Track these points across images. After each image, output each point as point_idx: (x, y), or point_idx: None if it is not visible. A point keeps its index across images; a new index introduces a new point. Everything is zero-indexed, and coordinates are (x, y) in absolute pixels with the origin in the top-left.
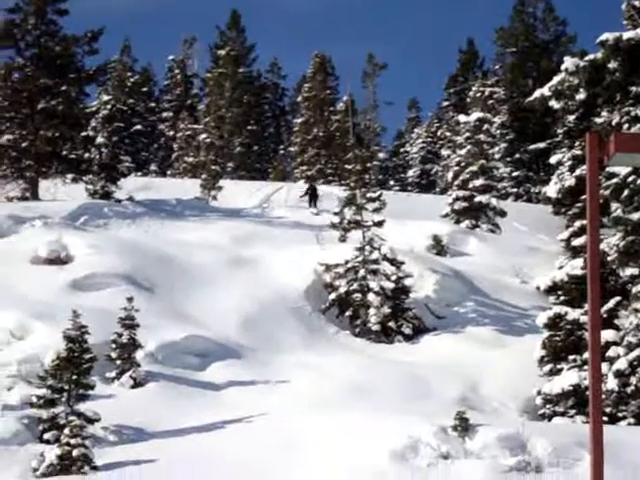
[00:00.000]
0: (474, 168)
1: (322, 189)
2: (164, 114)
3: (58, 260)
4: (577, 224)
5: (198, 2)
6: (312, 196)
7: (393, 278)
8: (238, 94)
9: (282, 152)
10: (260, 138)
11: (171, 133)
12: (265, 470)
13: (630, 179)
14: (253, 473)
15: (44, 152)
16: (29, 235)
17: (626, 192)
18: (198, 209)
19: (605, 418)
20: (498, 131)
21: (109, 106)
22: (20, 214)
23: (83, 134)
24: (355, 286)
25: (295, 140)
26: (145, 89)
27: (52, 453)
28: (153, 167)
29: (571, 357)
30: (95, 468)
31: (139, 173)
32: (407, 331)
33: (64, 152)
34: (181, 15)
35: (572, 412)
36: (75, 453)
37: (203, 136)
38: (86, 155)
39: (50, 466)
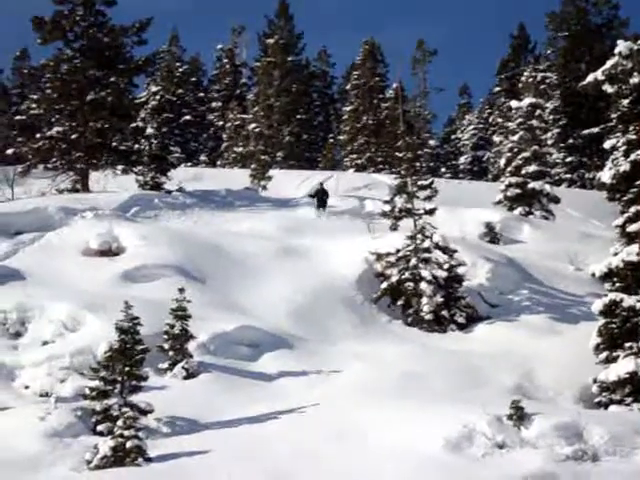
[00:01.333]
0: (527, 154)
1: (373, 177)
2: (213, 104)
3: (109, 251)
4: (632, 210)
5: None
6: (321, 199)
7: (445, 266)
8: (287, 83)
9: (331, 141)
10: (309, 127)
11: (220, 123)
12: (319, 460)
13: None
14: (307, 463)
15: (94, 144)
16: (80, 227)
17: None
18: (248, 199)
19: None
20: (551, 116)
21: (158, 97)
22: (71, 206)
23: (132, 125)
24: (407, 275)
25: (344, 128)
26: (194, 79)
27: (105, 445)
28: (203, 157)
29: (627, 344)
30: (149, 459)
31: (189, 164)
32: (460, 320)
33: (114, 143)
34: (229, 4)
35: (629, 400)
36: (128, 445)
37: (252, 126)
38: (136, 146)
39: (104, 458)
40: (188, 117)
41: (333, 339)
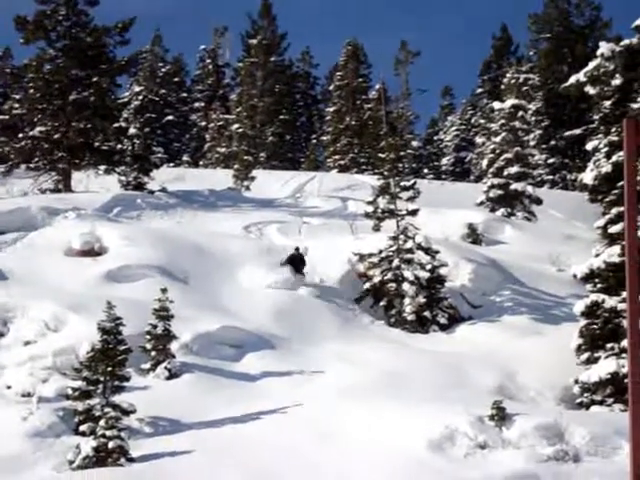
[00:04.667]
0: (509, 155)
1: (355, 178)
2: (196, 104)
3: (92, 252)
4: (614, 211)
5: None
6: (297, 264)
7: (428, 267)
8: (270, 83)
9: (314, 141)
10: (292, 127)
11: (203, 123)
12: (302, 460)
13: None
14: (290, 463)
15: (76, 143)
16: (62, 227)
17: None
18: (231, 199)
19: None
20: (533, 118)
21: (141, 97)
22: (53, 206)
23: (115, 125)
24: (389, 275)
25: (327, 129)
26: (177, 79)
27: (88, 445)
28: (185, 158)
29: (609, 345)
30: (131, 460)
31: (171, 164)
32: (442, 320)
33: (96, 143)
34: (212, 4)
35: (610, 401)
36: (111, 445)
37: (235, 126)
38: (118, 146)
39: (86, 458)
40: (171, 117)
41: (316, 339)
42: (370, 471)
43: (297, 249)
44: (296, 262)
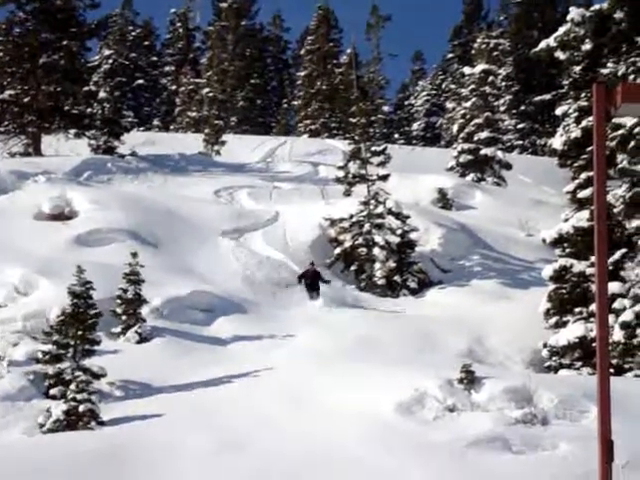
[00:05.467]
0: (479, 120)
1: (326, 143)
2: (166, 68)
3: (62, 216)
4: (583, 176)
5: None
6: (310, 284)
7: (398, 232)
8: (240, 47)
9: (285, 106)
10: (263, 92)
11: (173, 87)
12: (274, 423)
13: (636, 130)
14: (261, 426)
15: (46, 107)
16: (32, 191)
17: (632, 143)
18: (202, 164)
19: (611, 370)
20: (503, 83)
21: (111, 61)
22: (23, 170)
23: (85, 89)
24: (360, 240)
25: (298, 94)
26: (147, 43)
27: (58, 409)
28: (156, 122)
29: (577, 309)
30: (102, 423)
31: (142, 128)
32: (413, 285)
33: (66, 107)
34: None
35: (578, 364)
36: (81, 408)
37: (206, 90)
38: (88, 110)
39: (57, 421)
40: (141, 81)
41: (287, 304)
42: (338, 434)
43: (312, 264)
44: (308, 279)
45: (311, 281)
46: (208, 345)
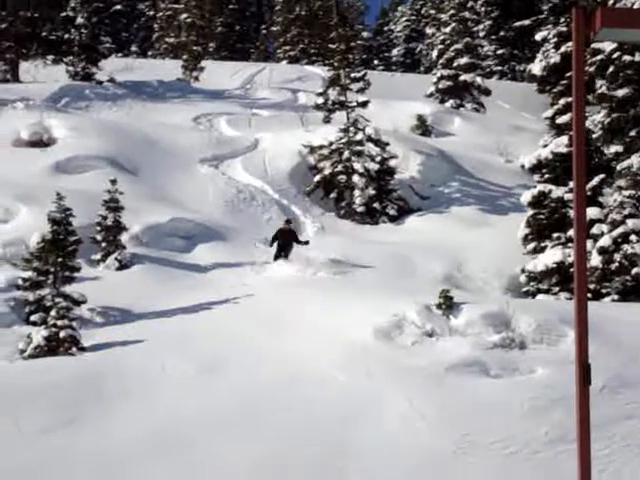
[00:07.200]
0: (459, 46)
1: (306, 69)
2: None
3: (40, 142)
4: (562, 102)
5: None
6: (282, 246)
7: (378, 159)
8: None
9: (264, 32)
10: (242, 17)
11: (151, 13)
12: (251, 345)
13: (615, 55)
14: (239, 348)
15: (23, 33)
16: (10, 117)
17: (611, 69)
18: (180, 90)
19: (589, 295)
20: (483, 8)
21: None
22: (1, 96)
23: (62, 14)
24: (339, 168)
25: (277, 19)
26: None
27: (39, 335)
28: (134, 48)
29: (555, 235)
30: (82, 349)
31: (119, 54)
32: (392, 212)
33: (44, 33)
34: None
35: (556, 289)
36: (62, 334)
37: (184, 16)
38: (66, 36)
39: (37, 347)
40: (119, 7)
41: (267, 230)
42: (316, 356)
43: (288, 221)
44: (282, 239)
45: (284, 242)
46: (188, 272)
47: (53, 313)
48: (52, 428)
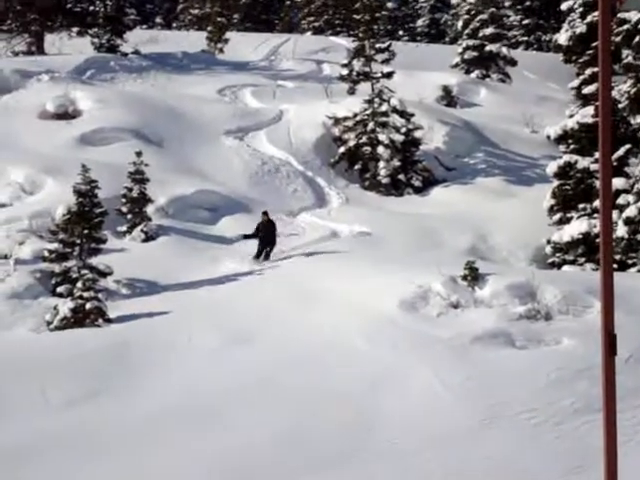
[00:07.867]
0: (484, 16)
1: (330, 40)
2: None
3: (66, 115)
4: (588, 72)
5: None
6: (264, 238)
7: (403, 130)
8: None
9: (288, 2)
10: None
11: None
12: (277, 316)
13: None
14: (266, 319)
15: (48, 5)
16: (36, 90)
17: (637, 38)
18: (204, 62)
19: (615, 265)
20: None
21: None
22: (26, 68)
23: None
24: (364, 139)
25: None
26: None
27: (65, 306)
28: (158, 20)
29: (581, 205)
30: (108, 320)
31: (144, 26)
32: (417, 183)
33: (69, 5)
34: None
35: (582, 260)
36: (88, 306)
37: None
38: (91, 8)
39: (64, 319)
40: None
41: (291, 203)
42: (342, 330)
43: (265, 213)
44: (263, 232)
45: (266, 233)
46: (213, 244)
47: (79, 285)
48: (78, 399)
